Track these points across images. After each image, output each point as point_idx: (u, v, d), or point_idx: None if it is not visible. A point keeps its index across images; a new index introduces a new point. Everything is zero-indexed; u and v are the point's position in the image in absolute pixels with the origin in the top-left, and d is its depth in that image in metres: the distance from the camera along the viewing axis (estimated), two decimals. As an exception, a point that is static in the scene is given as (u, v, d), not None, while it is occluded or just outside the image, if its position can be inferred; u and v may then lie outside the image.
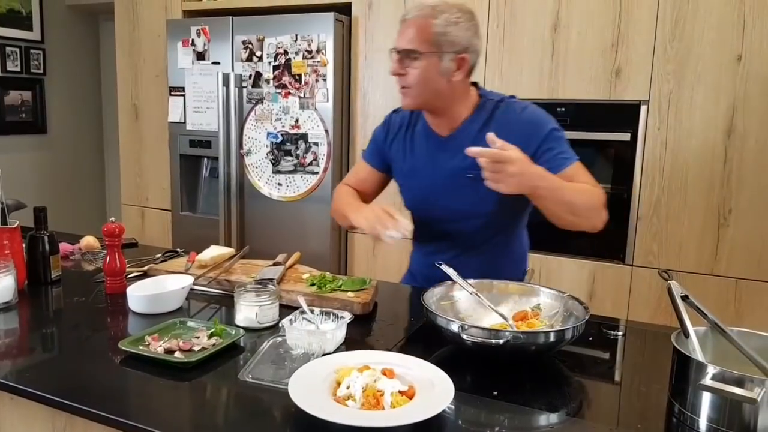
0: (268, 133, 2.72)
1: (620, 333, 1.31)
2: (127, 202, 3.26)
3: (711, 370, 0.89)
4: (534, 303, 1.32)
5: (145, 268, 1.63)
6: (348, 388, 0.94)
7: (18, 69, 3.69)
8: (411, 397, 0.94)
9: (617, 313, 2.28)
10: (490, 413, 0.95)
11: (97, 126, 4.29)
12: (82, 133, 4.19)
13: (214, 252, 1.64)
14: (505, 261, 1.59)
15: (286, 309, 1.32)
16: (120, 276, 1.47)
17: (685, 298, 1.05)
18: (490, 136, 1.21)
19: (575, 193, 1.32)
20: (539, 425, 0.93)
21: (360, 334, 1.24)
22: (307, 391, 0.93)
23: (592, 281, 2.34)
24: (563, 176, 1.35)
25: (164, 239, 3.07)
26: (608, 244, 2.33)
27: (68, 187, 4.11)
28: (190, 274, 1.51)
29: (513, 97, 1.52)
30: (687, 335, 1.00)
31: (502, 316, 1.23)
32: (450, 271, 1.32)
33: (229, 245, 2.76)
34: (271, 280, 1.41)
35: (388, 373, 0.97)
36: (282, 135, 2.70)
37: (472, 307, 1.30)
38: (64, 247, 1.81)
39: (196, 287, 1.49)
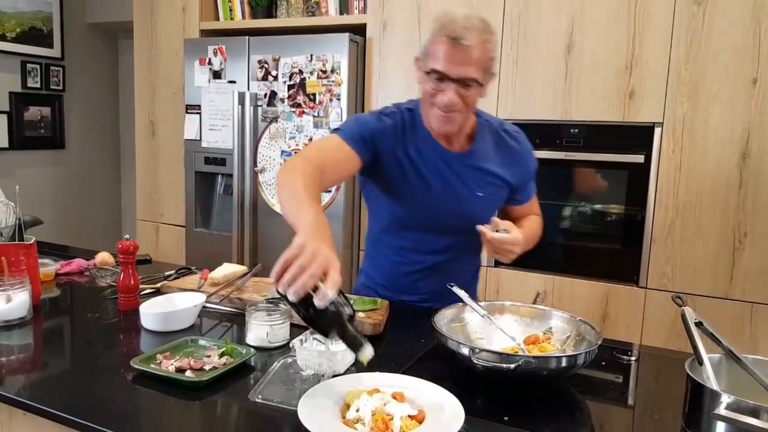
0: (282, 152, 2.74)
1: (633, 358, 1.29)
2: (142, 218, 3.30)
3: (725, 399, 0.88)
4: (546, 327, 1.31)
5: (159, 285, 1.64)
6: (357, 411, 0.94)
7: (38, 85, 3.77)
8: (421, 422, 0.93)
9: (631, 336, 2.26)
10: None
11: (114, 142, 4.35)
12: (100, 148, 4.26)
13: (226, 270, 1.65)
14: (470, 268, 1.66)
15: (297, 328, 1.32)
16: (133, 293, 1.48)
17: (699, 324, 1.04)
18: (495, 220, 1.36)
19: (534, 239, 1.55)
20: (550, 452, 0.92)
21: (370, 356, 1.24)
22: (317, 414, 0.93)
23: (605, 303, 2.32)
24: (528, 205, 1.63)
25: (178, 255, 3.09)
26: (622, 266, 2.32)
27: (85, 202, 4.16)
28: (203, 292, 1.52)
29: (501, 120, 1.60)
30: (701, 362, 0.99)
31: (513, 339, 1.23)
32: (462, 294, 1.32)
33: (242, 262, 2.78)
34: (282, 299, 1.41)
35: (398, 396, 0.97)
36: (296, 153, 2.72)
37: (483, 329, 1.30)
38: (78, 262, 1.84)
39: (208, 305, 1.49)
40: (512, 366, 1.04)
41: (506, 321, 1.33)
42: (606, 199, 2.32)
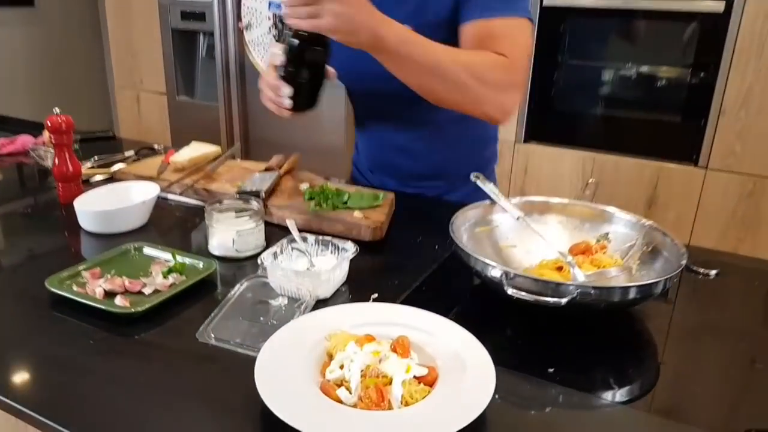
0: (270, 3, 2.28)
1: (714, 271, 0.98)
2: (122, 84, 2.91)
3: None
4: (601, 231, 0.99)
5: (112, 170, 1.33)
6: (342, 368, 0.65)
7: (-9, -74, 3.21)
8: (431, 384, 0.65)
9: (681, 225, 1.95)
10: (545, 401, 0.66)
11: (91, -4, 3.83)
12: (75, 5, 3.74)
13: (193, 151, 1.33)
14: (464, 145, 1.25)
15: (278, 230, 1.02)
16: (74, 181, 1.18)
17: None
18: None
19: (447, 57, 0.93)
20: (614, 424, 0.64)
21: (367, 272, 0.94)
22: (284, 371, 0.64)
23: (654, 185, 1.98)
24: (481, 26, 0.97)
25: (162, 127, 2.75)
26: (679, 141, 1.95)
27: (62, 67, 3.74)
28: (162, 181, 1.21)
29: None
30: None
31: (559, 252, 0.92)
32: (490, 189, 0.99)
33: (230, 135, 2.44)
34: (256, 193, 1.10)
35: (399, 346, 0.68)
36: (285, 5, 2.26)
37: (516, 234, 0.99)
38: (24, 140, 1.52)
39: (168, 197, 1.20)
40: (563, 301, 0.73)
41: (548, 223, 1.01)
42: (668, 60, 1.89)
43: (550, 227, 1.01)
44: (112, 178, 1.30)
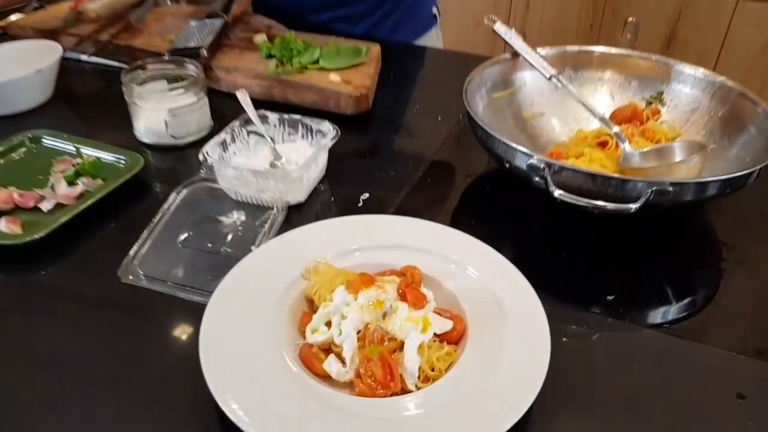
0: None
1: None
2: None
3: None
4: (653, 90, 0.76)
5: (4, 23, 1.01)
6: (329, 325, 0.45)
7: None
8: (457, 342, 0.46)
9: (705, 59, 1.70)
10: (593, 329, 0.49)
11: None
12: None
13: (109, -7, 1.00)
14: None
15: (229, 101, 0.76)
16: (-54, 42, 0.88)
17: None
18: None
19: None
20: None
21: (352, 160, 0.71)
22: (243, 333, 0.44)
23: (676, 18, 1.70)
24: None
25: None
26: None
27: None
28: (70, 37, 0.91)
29: None
30: None
31: (602, 120, 0.68)
32: (513, 38, 0.73)
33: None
34: (195, 51, 0.81)
35: (409, 292, 0.47)
36: None
37: (544, 98, 0.76)
38: None
39: (82, 58, 0.91)
40: (633, 207, 0.52)
41: (584, 81, 0.78)
42: None
43: (587, 87, 0.77)
44: (4, 35, 0.99)
